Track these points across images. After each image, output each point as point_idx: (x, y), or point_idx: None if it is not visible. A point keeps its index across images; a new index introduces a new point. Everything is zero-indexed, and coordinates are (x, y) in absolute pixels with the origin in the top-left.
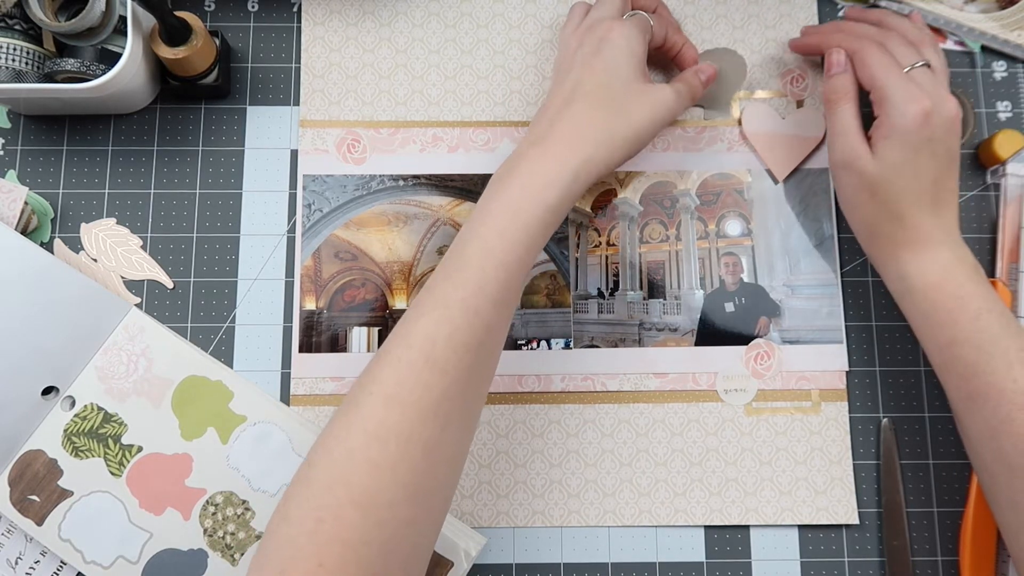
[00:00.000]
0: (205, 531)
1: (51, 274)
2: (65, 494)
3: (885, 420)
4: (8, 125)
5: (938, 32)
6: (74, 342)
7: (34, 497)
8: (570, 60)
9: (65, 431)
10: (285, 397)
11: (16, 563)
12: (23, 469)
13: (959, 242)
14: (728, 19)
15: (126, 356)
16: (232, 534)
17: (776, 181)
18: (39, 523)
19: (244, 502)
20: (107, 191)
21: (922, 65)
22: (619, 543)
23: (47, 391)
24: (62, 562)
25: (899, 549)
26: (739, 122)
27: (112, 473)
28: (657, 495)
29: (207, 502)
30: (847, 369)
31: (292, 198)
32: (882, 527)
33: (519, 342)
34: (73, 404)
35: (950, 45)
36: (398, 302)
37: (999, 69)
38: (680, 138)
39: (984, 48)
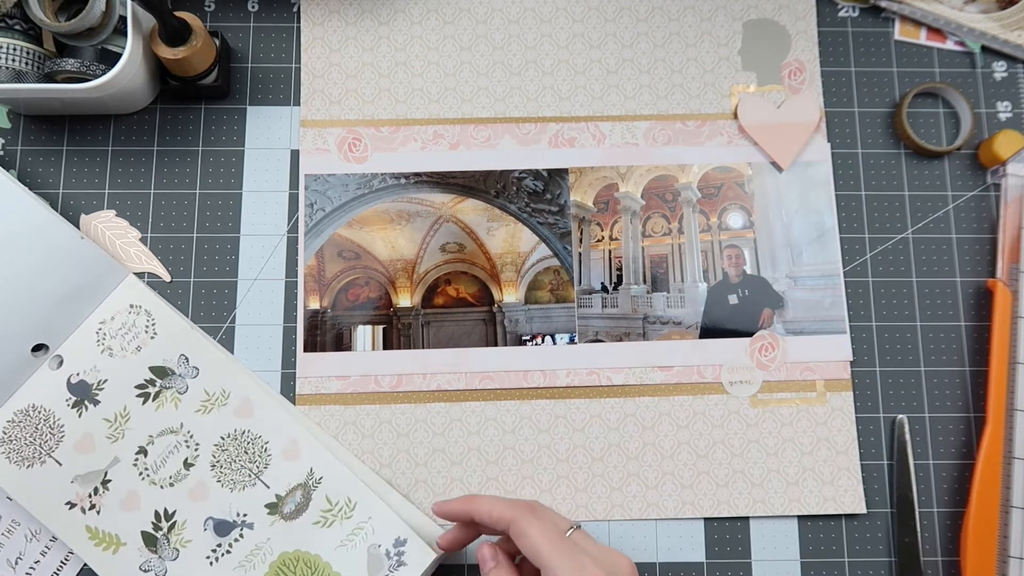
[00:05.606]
0: None
1: (51, 230)
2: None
3: (901, 417)
4: (8, 125)
5: (938, 32)
6: (68, 302)
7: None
8: None
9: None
10: (286, 396)
11: (16, 563)
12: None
13: None
14: (727, 10)
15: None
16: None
17: (781, 170)
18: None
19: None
20: (107, 191)
21: (576, 528)
22: (619, 543)
23: (37, 348)
24: (62, 561)
25: (910, 547)
26: (735, 115)
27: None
28: (664, 488)
29: None
30: (851, 359)
31: (292, 198)
32: (893, 524)
33: (523, 338)
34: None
35: (950, 45)
36: (402, 300)
37: (999, 69)
38: (680, 132)
39: (984, 48)
